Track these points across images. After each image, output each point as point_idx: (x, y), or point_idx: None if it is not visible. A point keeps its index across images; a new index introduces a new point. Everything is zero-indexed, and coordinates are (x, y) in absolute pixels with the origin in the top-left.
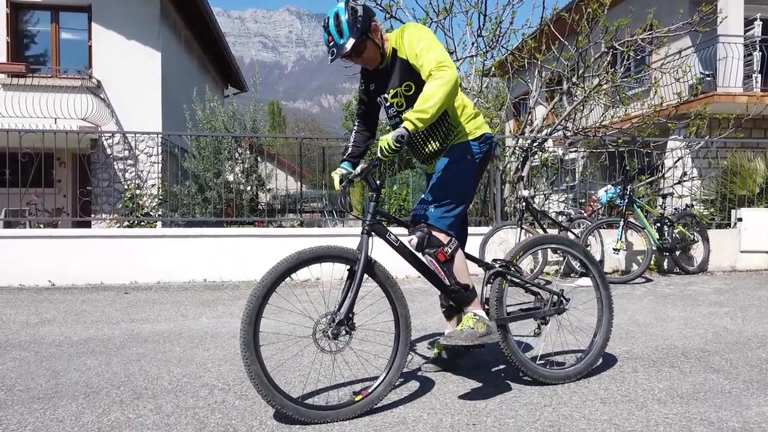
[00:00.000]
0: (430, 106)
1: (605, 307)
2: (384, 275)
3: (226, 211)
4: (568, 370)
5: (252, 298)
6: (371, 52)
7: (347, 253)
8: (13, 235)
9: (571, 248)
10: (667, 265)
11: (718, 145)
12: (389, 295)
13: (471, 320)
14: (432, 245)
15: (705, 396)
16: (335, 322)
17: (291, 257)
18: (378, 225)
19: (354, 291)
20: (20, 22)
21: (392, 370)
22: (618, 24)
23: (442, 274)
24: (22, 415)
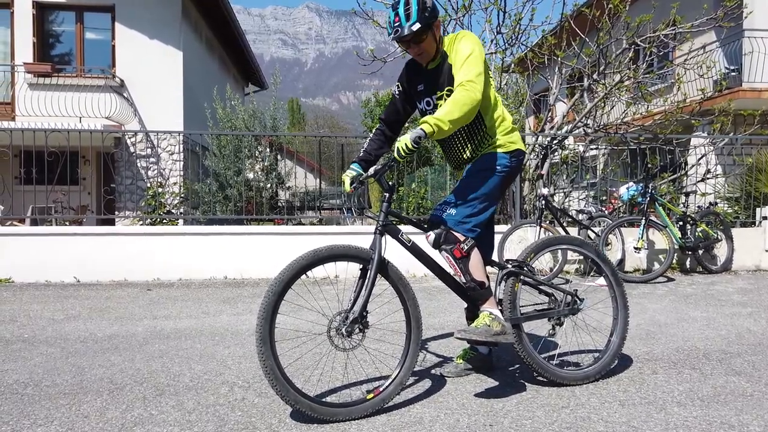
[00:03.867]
0: (448, 119)
1: (620, 306)
2: (396, 275)
3: (247, 209)
4: (587, 370)
5: (268, 295)
6: (429, 45)
7: (361, 252)
8: (40, 233)
9: (583, 248)
10: (690, 265)
11: (742, 141)
12: (401, 295)
13: (487, 318)
14: (448, 242)
15: (726, 399)
16: (349, 320)
17: (306, 255)
18: (391, 225)
19: (367, 290)
20: (46, 23)
21: (403, 369)
22: (640, 20)
23: (458, 271)
24: (49, 411)
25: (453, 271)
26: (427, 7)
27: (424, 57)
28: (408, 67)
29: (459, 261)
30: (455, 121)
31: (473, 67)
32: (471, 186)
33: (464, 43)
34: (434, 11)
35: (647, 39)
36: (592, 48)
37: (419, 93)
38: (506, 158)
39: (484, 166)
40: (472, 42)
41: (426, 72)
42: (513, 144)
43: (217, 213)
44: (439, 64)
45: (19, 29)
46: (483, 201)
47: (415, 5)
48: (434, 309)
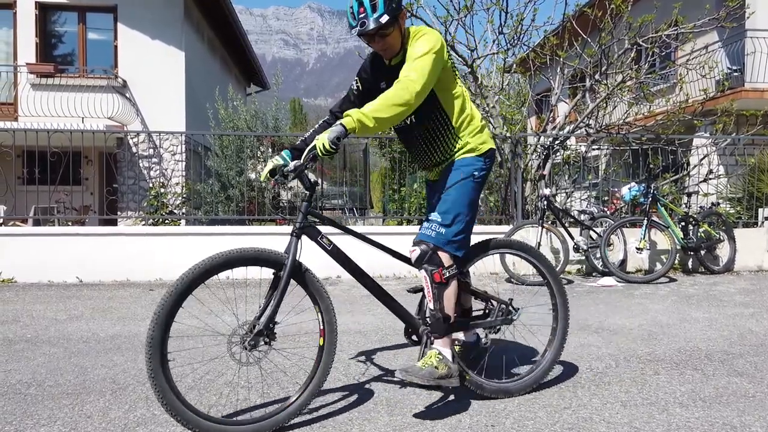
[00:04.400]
0: (374, 116)
1: (560, 317)
2: (313, 282)
3: (248, 209)
4: (509, 384)
5: (160, 306)
6: (394, 39)
7: (272, 256)
8: (42, 233)
9: (524, 252)
10: (692, 265)
11: (745, 142)
12: (317, 305)
13: (435, 358)
14: (433, 262)
15: (728, 400)
16: (254, 332)
17: (209, 260)
18: (310, 227)
19: (277, 298)
20: (48, 23)
21: (313, 383)
22: (642, 20)
23: (430, 295)
24: (52, 411)
25: (427, 293)
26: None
27: (388, 52)
28: (371, 61)
29: (437, 285)
30: (383, 120)
31: (419, 67)
32: (456, 200)
33: (421, 42)
34: (400, 2)
35: (649, 39)
36: (594, 48)
37: (381, 91)
38: (481, 161)
39: (462, 175)
40: (429, 41)
41: (388, 68)
42: (485, 145)
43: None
44: (401, 61)
45: (22, 30)
46: (468, 214)
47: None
48: None
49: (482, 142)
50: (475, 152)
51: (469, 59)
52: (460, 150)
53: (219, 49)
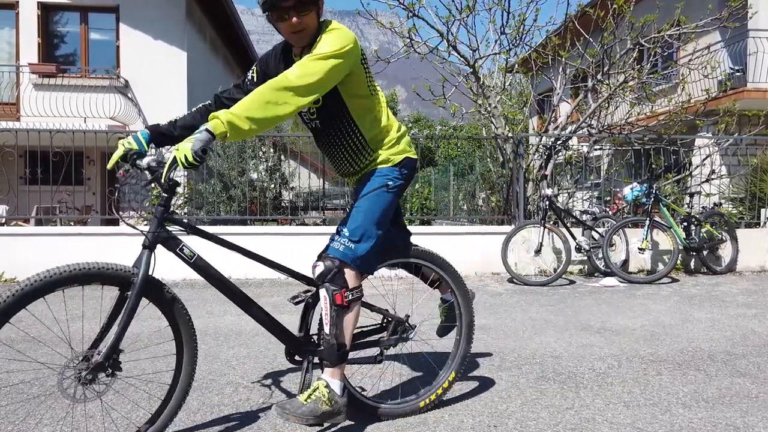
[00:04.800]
0: (247, 116)
1: (464, 337)
2: (169, 300)
3: (250, 209)
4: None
5: None
6: (311, 21)
7: (118, 272)
8: (44, 233)
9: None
10: (694, 265)
11: (747, 142)
12: (175, 326)
13: (322, 391)
14: (336, 282)
15: (731, 400)
16: (92, 365)
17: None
18: (168, 236)
19: (122, 323)
20: (50, 23)
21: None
22: (644, 20)
23: (328, 318)
24: (55, 411)
25: (324, 316)
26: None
27: (300, 37)
28: (276, 53)
29: (336, 308)
30: (259, 121)
31: (310, 67)
32: (366, 214)
33: (328, 40)
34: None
35: (651, 39)
36: (596, 48)
37: None
38: (396, 171)
39: (375, 185)
40: (337, 41)
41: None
42: (401, 155)
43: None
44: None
45: (24, 30)
46: (380, 228)
47: None
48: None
49: (399, 152)
50: (389, 163)
51: (471, 59)
52: (374, 162)
53: (221, 49)
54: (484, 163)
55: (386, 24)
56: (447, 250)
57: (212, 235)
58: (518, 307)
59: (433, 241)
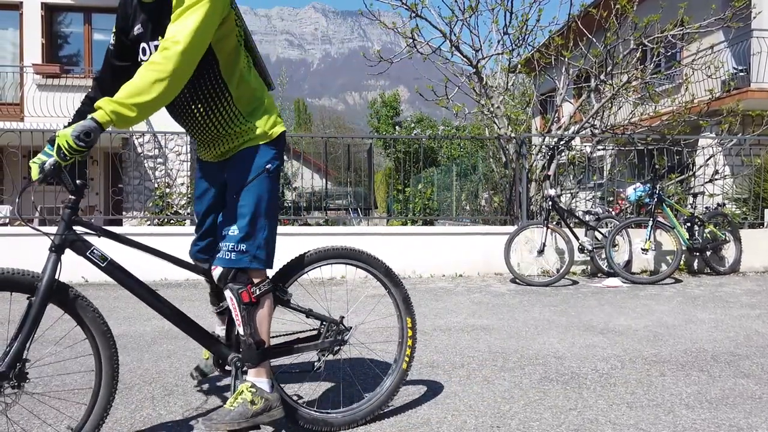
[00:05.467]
0: (134, 102)
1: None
2: (81, 306)
3: None
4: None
5: None
6: None
7: (16, 277)
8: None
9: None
10: (698, 266)
11: (751, 142)
12: (89, 334)
13: (247, 392)
14: (238, 280)
15: (734, 401)
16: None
17: None
18: (76, 239)
19: (26, 330)
20: (54, 24)
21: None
22: (648, 20)
23: (239, 319)
24: (59, 410)
25: (235, 317)
26: None
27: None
28: (121, 6)
29: (245, 307)
30: (147, 105)
31: (188, 24)
32: (251, 205)
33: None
34: None
35: (655, 39)
36: (599, 48)
37: (137, 38)
38: (273, 151)
39: (253, 172)
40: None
41: (142, 6)
42: (276, 128)
43: None
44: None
45: (28, 30)
46: (271, 217)
47: None
48: (440, 310)
49: (272, 125)
50: (264, 139)
51: (473, 60)
52: (247, 132)
53: None
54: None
55: (389, 24)
56: (449, 251)
57: (123, 236)
58: (521, 308)
59: (435, 241)
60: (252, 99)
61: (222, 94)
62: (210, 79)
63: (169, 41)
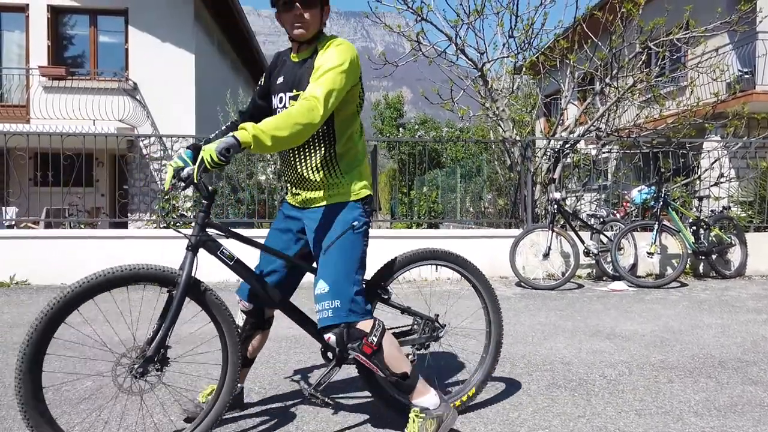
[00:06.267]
0: (273, 134)
1: (492, 345)
2: (213, 300)
3: (259, 212)
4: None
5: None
6: (313, 19)
7: (163, 273)
8: (55, 235)
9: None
10: (703, 269)
11: (756, 145)
12: (218, 325)
13: (417, 420)
14: (353, 338)
15: (743, 409)
16: (143, 358)
17: (86, 281)
18: (209, 240)
19: (169, 320)
20: (60, 26)
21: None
22: (653, 24)
23: (374, 367)
24: (70, 416)
25: (370, 367)
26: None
27: (301, 31)
28: (276, 57)
29: (371, 357)
30: (281, 140)
31: (330, 84)
32: (338, 262)
33: (338, 50)
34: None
35: (660, 43)
36: (604, 51)
37: (277, 87)
38: (359, 209)
39: (340, 230)
40: (345, 52)
41: (290, 63)
42: (364, 190)
43: (229, 216)
44: (307, 59)
45: (34, 33)
46: (357, 271)
47: None
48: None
49: (362, 187)
50: (350, 196)
51: (479, 62)
52: (336, 186)
53: (229, 51)
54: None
55: (393, 26)
56: None
57: (249, 238)
58: (527, 312)
59: (441, 244)
60: (353, 160)
61: (329, 148)
62: (324, 133)
63: (310, 96)
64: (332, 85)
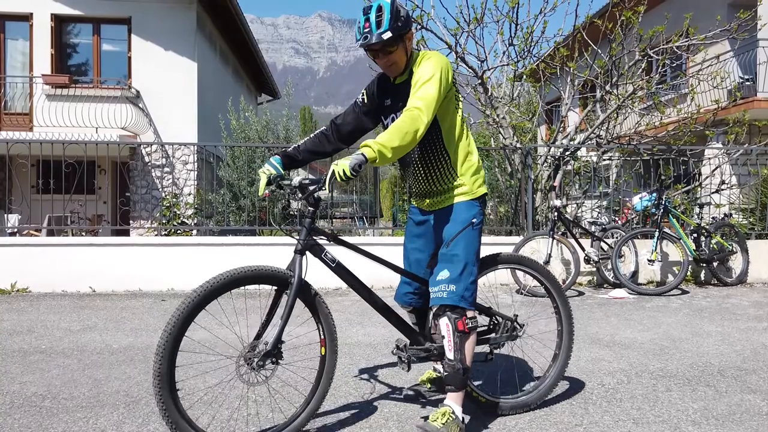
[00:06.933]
0: (390, 146)
1: (564, 345)
2: (317, 301)
3: (260, 219)
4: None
5: (166, 331)
6: (399, 57)
7: (279, 274)
8: (56, 243)
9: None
10: (704, 277)
11: (758, 152)
12: (319, 324)
13: (448, 416)
14: (456, 311)
15: (741, 418)
16: (263, 353)
17: (213, 281)
18: (314, 244)
19: (284, 318)
20: (63, 35)
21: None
22: (653, 31)
23: (451, 344)
24: (67, 424)
25: (447, 343)
26: (400, 16)
27: (392, 69)
28: (378, 79)
29: (459, 334)
30: (397, 149)
31: (428, 93)
32: (459, 253)
33: (428, 64)
34: (407, 21)
35: (660, 50)
36: (604, 59)
37: (386, 108)
38: (477, 207)
39: (461, 225)
40: (437, 64)
41: (393, 87)
42: (480, 189)
43: (230, 223)
44: (406, 80)
45: (38, 41)
46: (474, 263)
47: (387, 13)
48: None
49: (479, 185)
50: (469, 195)
51: (479, 70)
52: (457, 188)
53: (231, 59)
54: (492, 173)
55: None
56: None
57: (350, 243)
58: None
59: None
60: (465, 161)
61: (441, 155)
62: (433, 141)
63: (412, 107)
64: (430, 94)
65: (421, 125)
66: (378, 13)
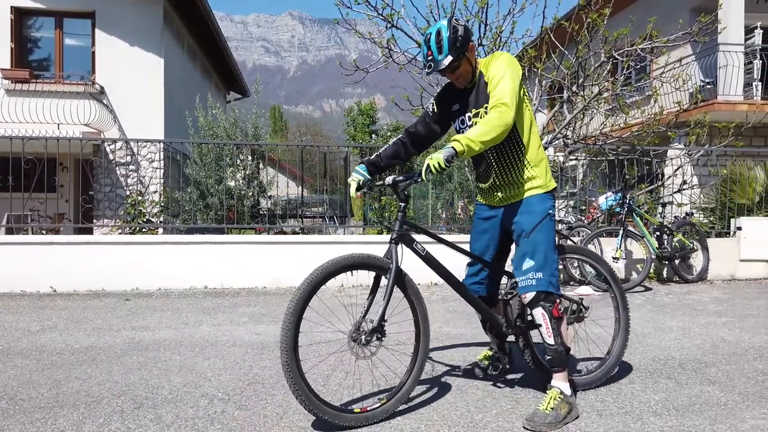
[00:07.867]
0: (480, 140)
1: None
2: (412, 287)
3: (228, 217)
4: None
5: (292, 304)
6: (464, 70)
7: (380, 261)
8: (15, 242)
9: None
10: (667, 274)
11: (718, 153)
12: (413, 307)
13: (556, 399)
14: (548, 300)
15: (701, 408)
16: (370, 329)
17: (327, 265)
18: (406, 234)
19: (386, 299)
20: (24, 28)
21: (410, 379)
22: (617, 34)
23: (550, 330)
24: (24, 425)
25: (545, 330)
26: (458, 36)
27: (461, 81)
28: (444, 87)
29: (554, 320)
30: (486, 143)
31: (508, 88)
32: (541, 243)
33: (501, 62)
34: (466, 37)
35: (624, 53)
36: (571, 61)
37: (453, 113)
38: (551, 200)
39: (539, 216)
40: (509, 62)
41: (459, 91)
42: (552, 182)
43: (197, 222)
44: (474, 84)
45: None
46: (554, 252)
47: (446, 38)
48: None
49: (551, 178)
50: (543, 189)
51: None
52: (530, 181)
53: (199, 56)
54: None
55: (365, 33)
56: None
57: (432, 233)
58: None
59: None
60: (537, 153)
61: (519, 148)
62: (510, 134)
63: (498, 103)
64: (509, 88)
65: (510, 119)
66: (437, 38)
